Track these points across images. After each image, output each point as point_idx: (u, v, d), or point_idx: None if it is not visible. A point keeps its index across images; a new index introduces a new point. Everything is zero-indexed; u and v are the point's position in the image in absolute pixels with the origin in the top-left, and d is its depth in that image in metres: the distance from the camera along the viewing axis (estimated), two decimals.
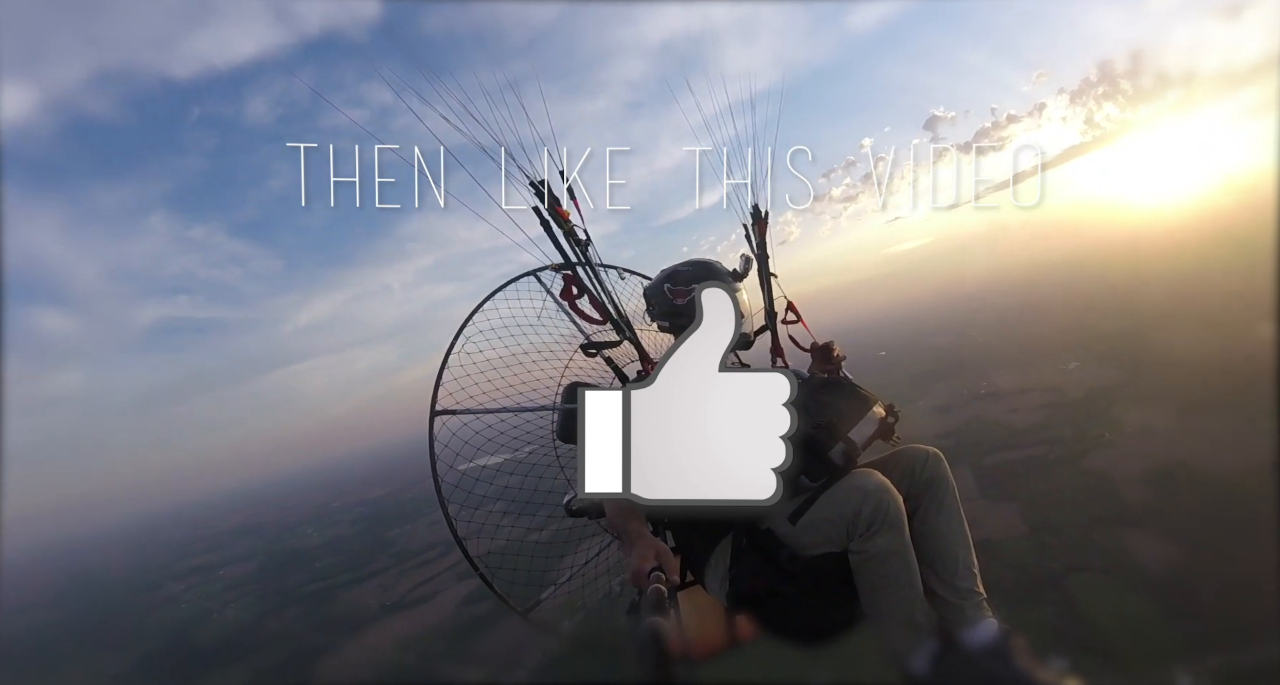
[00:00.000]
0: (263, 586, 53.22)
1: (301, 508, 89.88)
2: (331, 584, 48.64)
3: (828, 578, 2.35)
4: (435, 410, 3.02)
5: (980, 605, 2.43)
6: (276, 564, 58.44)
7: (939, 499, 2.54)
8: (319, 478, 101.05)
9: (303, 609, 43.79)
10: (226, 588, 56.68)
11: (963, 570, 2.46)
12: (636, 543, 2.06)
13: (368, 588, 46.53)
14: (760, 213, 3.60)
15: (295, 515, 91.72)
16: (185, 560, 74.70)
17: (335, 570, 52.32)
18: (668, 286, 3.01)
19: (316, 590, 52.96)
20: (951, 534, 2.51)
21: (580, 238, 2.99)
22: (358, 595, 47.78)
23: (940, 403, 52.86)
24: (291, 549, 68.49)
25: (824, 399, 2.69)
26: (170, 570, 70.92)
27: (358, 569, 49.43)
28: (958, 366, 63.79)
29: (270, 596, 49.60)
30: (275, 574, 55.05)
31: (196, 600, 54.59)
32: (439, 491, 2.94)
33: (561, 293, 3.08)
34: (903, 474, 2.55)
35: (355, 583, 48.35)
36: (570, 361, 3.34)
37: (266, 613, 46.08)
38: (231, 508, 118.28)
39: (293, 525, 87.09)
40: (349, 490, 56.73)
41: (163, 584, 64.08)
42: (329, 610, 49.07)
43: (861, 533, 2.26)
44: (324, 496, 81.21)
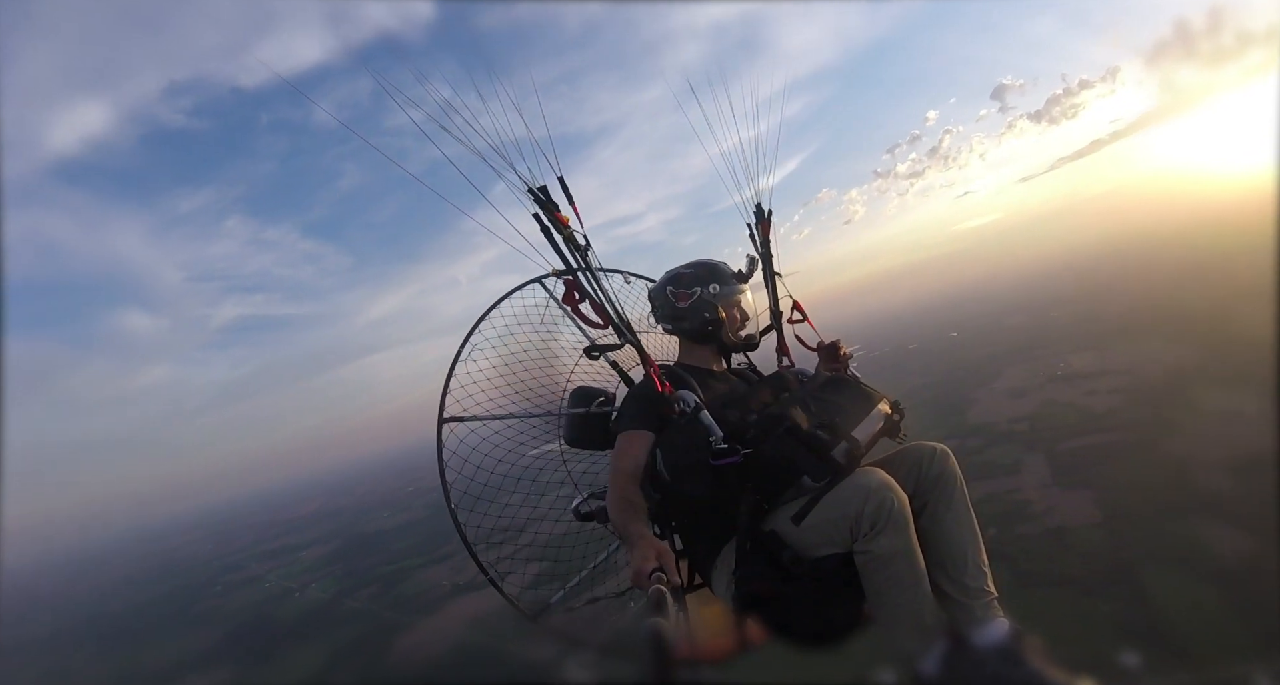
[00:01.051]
0: (340, 567, 55.33)
1: (376, 493, 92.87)
2: (405, 566, 50.26)
3: (833, 579, 2.31)
4: (443, 418, 3.02)
5: (991, 605, 2.37)
6: (353, 546, 60.67)
7: (947, 496, 2.48)
8: (392, 465, 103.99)
9: (378, 589, 45.42)
10: (305, 569, 59.11)
11: (972, 569, 2.40)
12: (638, 544, 2.07)
13: (440, 569, 47.86)
14: (764, 212, 3.55)
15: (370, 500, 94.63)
16: (266, 543, 78.24)
17: (409, 552, 53.91)
18: (670, 289, 3.01)
19: (391, 571, 54.56)
20: (960, 532, 2.45)
21: (580, 243, 2.97)
22: (430, 576, 49.31)
23: (1014, 386, 51.37)
24: (367, 532, 70.66)
25: (827, 397, 2.65)
26: (252, 552, 74.41)
27: (430, 551, 50.82)
28: (1032, 347, 61.81)
29: (347, 577, 51.53)
30: (352, 556, 57.13)
31: (278, 580, 57.19)
32: (447, 498, 2.93)
33: (563, 298, 3.05)
34: (909, 471, 2.51)
35: (428, 564, 49.84)
36: (576, 366, 3.32)
37: (343, 592, 48.00)
38: (309, 494, 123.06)
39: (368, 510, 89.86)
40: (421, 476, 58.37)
41: (245, 565, 67.38)
42: (402, 590, 50.64)
43: (865, 533, 2.22)
44: (398, 483, 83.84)
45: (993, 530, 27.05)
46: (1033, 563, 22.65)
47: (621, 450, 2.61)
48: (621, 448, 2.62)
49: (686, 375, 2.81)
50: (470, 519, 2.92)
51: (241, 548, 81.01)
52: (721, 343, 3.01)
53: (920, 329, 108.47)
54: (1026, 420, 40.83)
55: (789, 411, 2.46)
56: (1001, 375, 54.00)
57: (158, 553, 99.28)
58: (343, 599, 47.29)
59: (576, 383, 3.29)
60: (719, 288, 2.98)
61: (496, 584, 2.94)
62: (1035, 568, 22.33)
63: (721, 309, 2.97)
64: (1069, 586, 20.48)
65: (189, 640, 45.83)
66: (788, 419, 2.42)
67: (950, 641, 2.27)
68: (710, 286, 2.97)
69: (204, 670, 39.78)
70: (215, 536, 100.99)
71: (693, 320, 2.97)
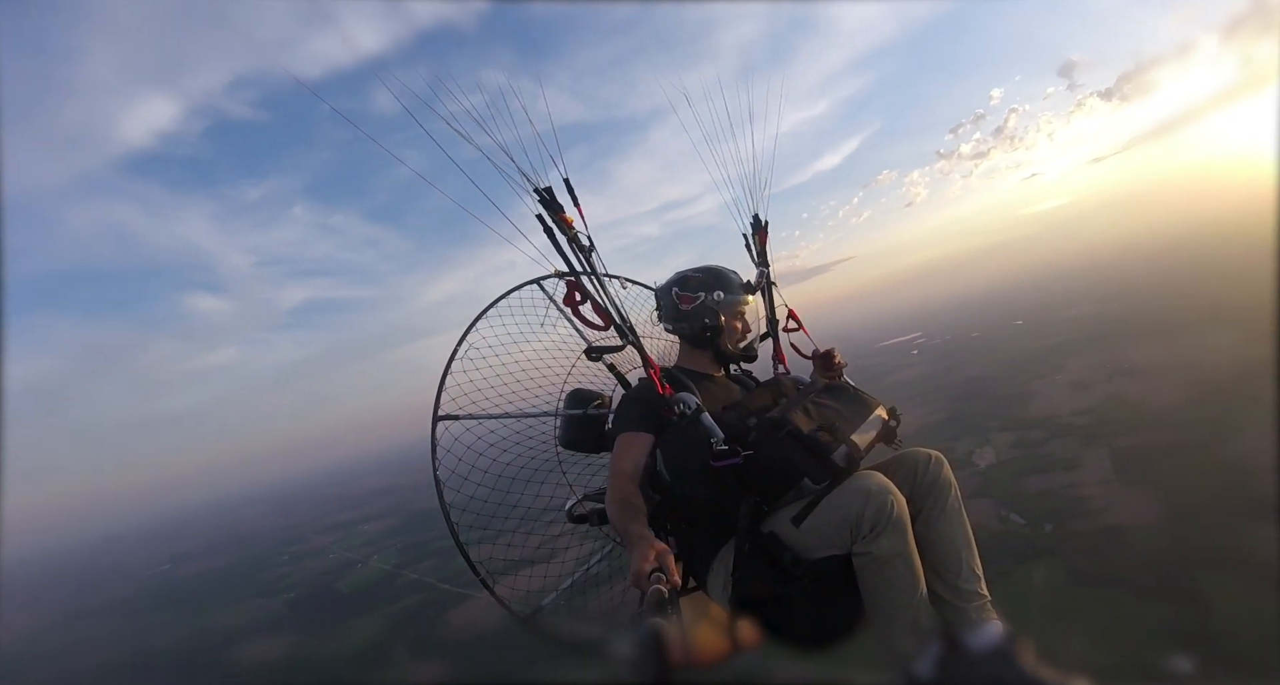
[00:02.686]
0: (400, 541, 56.77)
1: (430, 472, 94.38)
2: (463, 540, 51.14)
3: (831, 581, 2.35)
4: (438, 415, 3.01)
5: (984, 607, 2.40)
6: (412, 522, 61.99)
7: (941, 501, 2.52)
8: None
9: (436, 562, 46.36)
10: (367, 542, 60.85)
11: (966, 572, 2.44)
12: (637, 544, 2.10)
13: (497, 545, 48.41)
14: (760, 222, 3.56)
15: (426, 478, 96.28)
16: (329, 517, 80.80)
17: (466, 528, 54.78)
18: (676, 291, 3.04)
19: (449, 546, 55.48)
20: (954, 536, 2.49)
21: (584, 244, 2.98)
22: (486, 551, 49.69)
23: (1077, 378, 49.58)
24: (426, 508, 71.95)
25: (826, 402, 2.68)
26: (316, 526, 76.96)
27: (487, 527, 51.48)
28: (1096, 339, 59.48)
29: (407, 550, 52.88)
30: (411, 530, 58.51)
31: (340, 552, 59.05)
32: (440, 497, 2.94)
33: (564, 298, 3.06)
34: (905, 477, 2.53)
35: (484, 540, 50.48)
36: (573, 368, 3.36)
37: (403, 565, 49.25)
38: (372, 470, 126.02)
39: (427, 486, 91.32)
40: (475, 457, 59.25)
41: (309, 537, 69.73)
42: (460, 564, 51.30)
43: (865, 534, 2.26)
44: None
45: (1049, 526, 26.36)
46: (1086, 560, 22.01)
47: (621, 451, 2.64)
48: (621, 449, 2.65)
49: (685, 378, 2.85)
50: (463, 519, 2.95)
51: (306, 521, 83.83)
52: (718, 350, 3.04)
53: (984, 317, 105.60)
54: (1088, 413, 39.47)
55: (790, 415, 2.51)
56: (1064, 367, 52.18)
57: (226, 525, 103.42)
58: (402, 571, 48.51)
59: (572, 386, 3.31)
60: (723, 296, 3.01)
61: (489, 585, 2.98)
62: (1088, 566, 21.71)
63: (723, 317, 3.00)
64: (1122, 586, 19.82)
65: (255, 607, 47.75)
66: (789, 422, 2.47)
67: (945, 644, 2.29)
68: (715, 294, 3.01)
69: (270, 636, 41.37)
70: (281, 510, 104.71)
71: (693, 324, 3.01)
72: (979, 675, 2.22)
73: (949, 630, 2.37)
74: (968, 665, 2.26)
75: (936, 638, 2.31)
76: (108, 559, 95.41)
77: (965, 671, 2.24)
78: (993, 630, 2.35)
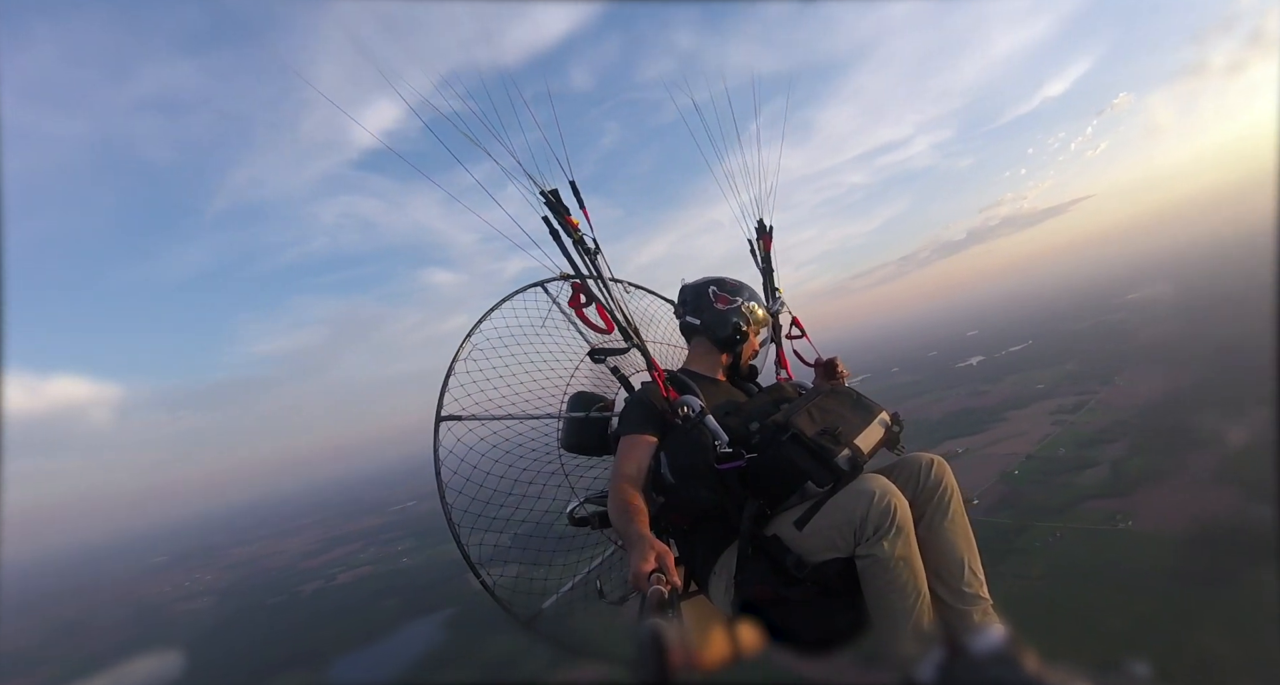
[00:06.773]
0: None
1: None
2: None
3: (834, 584, 2.35)
4: (440, 416, 2.98)
5: (986, 611, 2.39)
6: None
7: (943, 505, 2.51)
8: None
9: None
10: None
11: (968, 576, 2.42)
12: (638, 545, 2.08)
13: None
14: (765, 227, 3.57)
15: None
16: None
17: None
18: (713, 289, 3.06)
19: None
20: (957, 540, 2.48)
21: (589, 247, 2.99)
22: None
23: None
24: None
25: (829, 407, 2.68)
26: None
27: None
28: None
29: None
30: None
31: None
32: (443, 498, 2.89)
33: (569, 300, 3.06)
34: (907, 481, 2.53)
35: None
36: (576, 370, 3.33)
37: None
38: None
39: None
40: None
41: None
42: None
43: (868, 537, 2.26)
44: None
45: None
46: None
47: (625, 454, 2.64)
48: (625, 451, 2.65)
49: (690, 381, 2.85)
50: (465, 520, 2.92)
51: None
52: (737, 356, 3.07)
53: (1250, 264, 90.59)
54: None
55: (794, 418, 2.52)
56: None
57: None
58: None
59: (575, 387, 3.30)
60: (757, 308, 3.08)
61: (489, 588, 2.94)
62: None
63: (751, 326, 3.06)
64: None
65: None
66: (793, 425, 2.48)
67: (947, 648, 2.30)
68: (751, 302, 3.06)
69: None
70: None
71: (724, 326, 3.03)
72: (981, 679, 2.23)
73: (951, 634, 2.36)
74: (970, 669, 2.26)
75: (939, 641, 2.31)
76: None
77: (967, 675, 2.25)
78: (995, 634, 2.34)
